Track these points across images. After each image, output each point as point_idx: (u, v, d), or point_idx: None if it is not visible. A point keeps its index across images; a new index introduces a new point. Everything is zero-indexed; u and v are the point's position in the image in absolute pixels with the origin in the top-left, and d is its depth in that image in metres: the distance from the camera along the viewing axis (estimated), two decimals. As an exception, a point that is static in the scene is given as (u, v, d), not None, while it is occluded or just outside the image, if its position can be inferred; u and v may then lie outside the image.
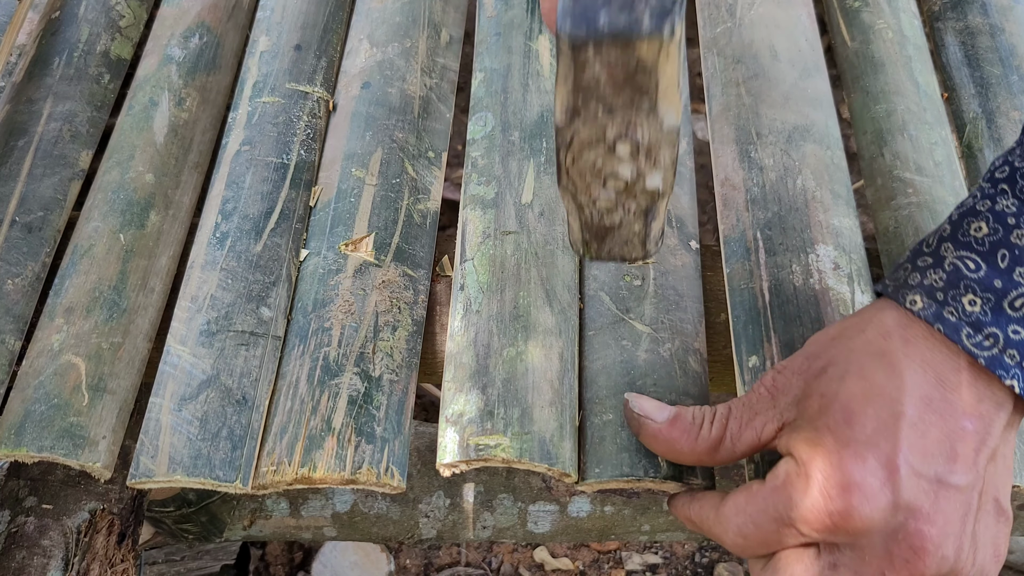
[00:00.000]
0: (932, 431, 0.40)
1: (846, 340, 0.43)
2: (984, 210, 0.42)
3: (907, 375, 0.41)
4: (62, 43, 0.68)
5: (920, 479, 0.40)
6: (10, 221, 0.59)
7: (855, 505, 0.39)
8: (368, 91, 0.64)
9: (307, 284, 0.57)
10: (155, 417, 0.51)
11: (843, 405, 0.41)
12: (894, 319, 0.42)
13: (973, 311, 0.40)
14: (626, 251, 0.46)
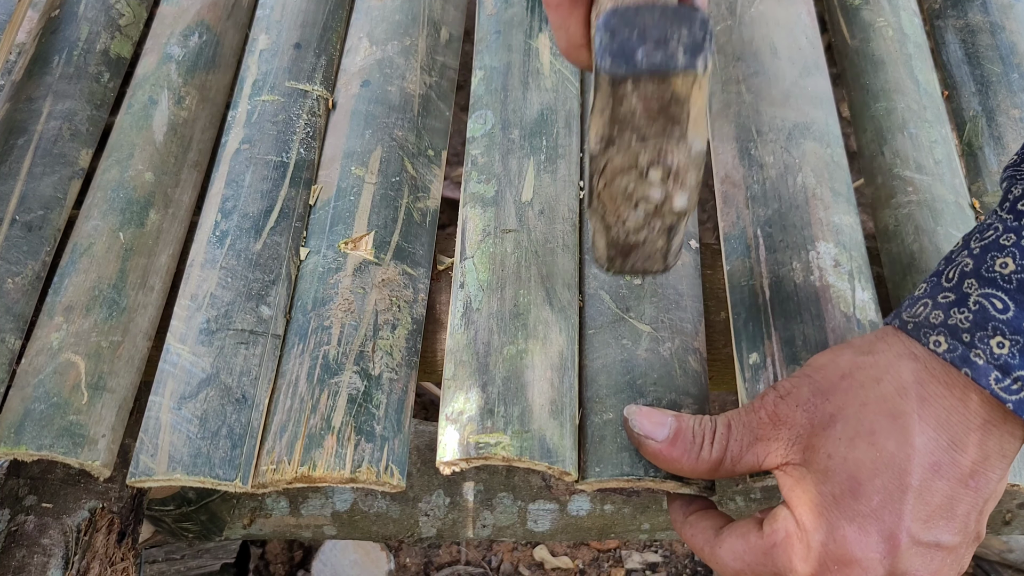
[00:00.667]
0: (935, 497, 0.40)
1: (859, 389, 0.42)
2: (1009, 245, 0.41)
3: (918, 442, 0.40)
4: (62, 41, 0.68)
5: (919, 546, 0.40)
6: (10, 220, 0.59)
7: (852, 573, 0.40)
8: (368, 89, 0.64)
9: (307, 282, 0.57)
10: (155, 416, 0.51)
11: (850, 475, 0.41)
12: (912, 372, 0.41)
13: (1002, 353, 0.39)
14: (648, 265, 0.47)
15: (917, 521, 0.40)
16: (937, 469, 0.40)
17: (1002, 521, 0.74)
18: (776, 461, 0.44)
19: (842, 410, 0.42)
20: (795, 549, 0.42)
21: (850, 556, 0.40)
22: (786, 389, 0.44)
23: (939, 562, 0.41)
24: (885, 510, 0.40)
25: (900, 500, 0.40)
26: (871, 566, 0.40)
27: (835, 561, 0.41)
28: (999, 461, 0.41)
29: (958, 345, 0.40)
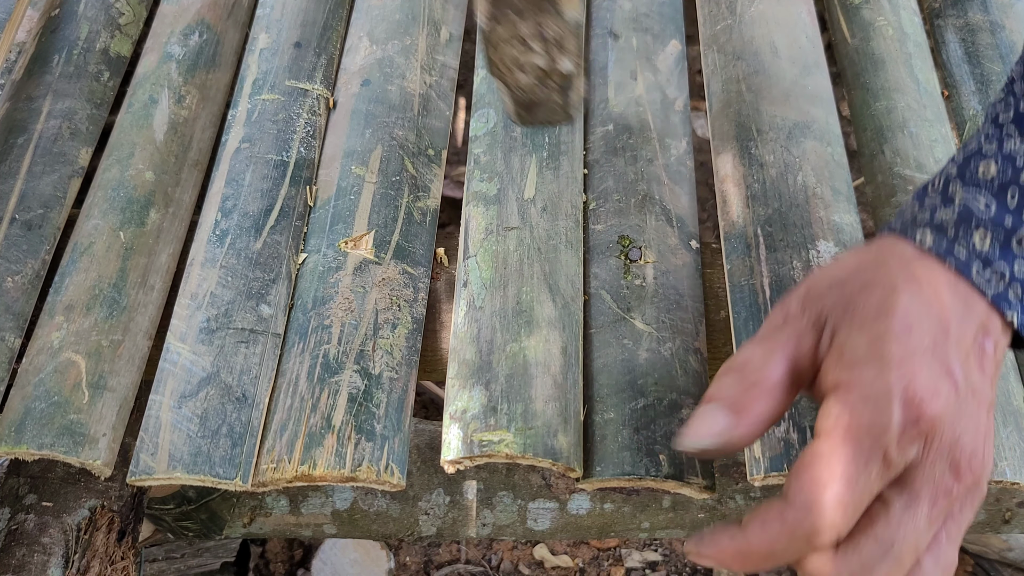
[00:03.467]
0: (967, 348, 0.40)
1: (875, 267, 0.42)
2: (992, 151, 0.43)
3: (945, 297, 0.40)
4: (62, 40, 0.68)
5: (969, 390, 0.39)
6: (10, 219, 0.59)
7: (926, 401, 0.38)
8: (368, 88, 0.64)
9: (307, 282, 0.57)
10: (155, 414, 0.51)
11: (903, 315, 0.40)
12: (908, 256, 0.42)
13: (983, 247, 0.41)
14: (552, 117, 0.56)
15: (962, 366, 0.39)
16: (961, 322, 0.40)
17: (1002, 520, 0.74)
18: (827, 344, 0.41)
19: (871, 283, 0.41)
20: (863, 412, 0.38)
21: (922, 384, 0.38)
22: (803, 289, 0.43)
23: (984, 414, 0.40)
24: (939, 347, 0.39)
25: (947, 340, 0.40)
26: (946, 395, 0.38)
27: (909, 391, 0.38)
28: (1001, 335, 0.41)
29: (943, 239, 0.41)
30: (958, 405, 0.39)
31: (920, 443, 0.38)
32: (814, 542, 0.37)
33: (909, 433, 0.38)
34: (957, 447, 0.38)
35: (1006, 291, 0.41)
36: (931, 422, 0.38)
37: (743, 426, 0.40)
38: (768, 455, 0.50)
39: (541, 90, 0.53)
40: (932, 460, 0.38)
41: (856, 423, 0.38)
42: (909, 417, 0.38)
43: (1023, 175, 0.41)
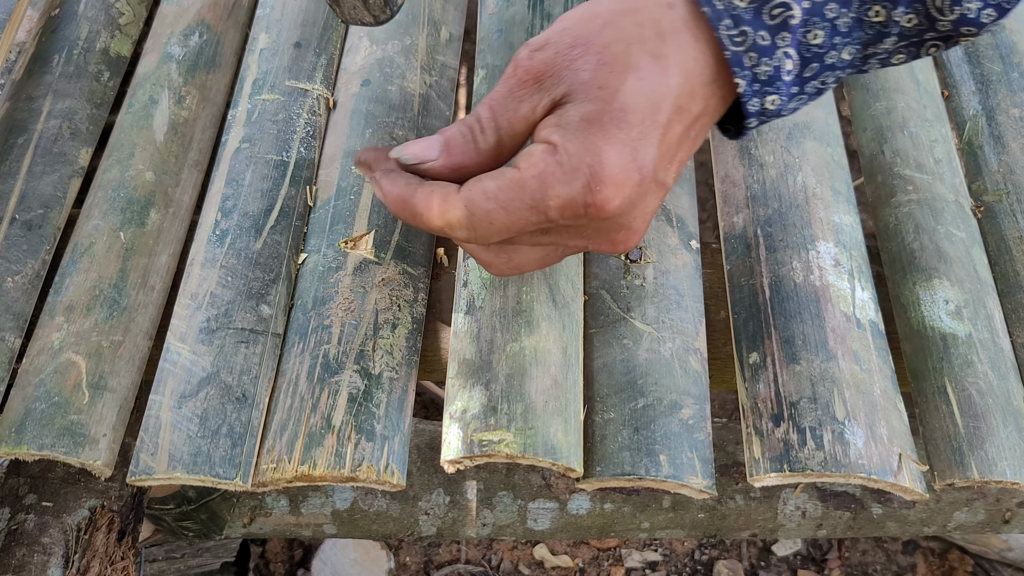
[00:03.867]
0: (671, 139, 0.43)
1: (623, 32, 0.44)
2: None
3: (673, 83, 0.42)
4: (62, 40, 0.68)
5: (655, 183, 0.43)
6: (10, 219, 0.59)
7: (611, 198, 0.42)
8: (368, 88, 0.64)
9: (307, 282, 0.57)
10: (155, 414, 0.51)
11: (622, 104, 0.42)
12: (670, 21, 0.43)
13: (740, 6, 0.42)
14: (359, 15, 0.53)
15: (661, 160, 0.43)
16: (679, 112, 0.43)
17: (1002, 520, 0.74)
18: (544, 109, 0.44)
19: (609, 48, 0.43)
20: (554, 174, 0.42)
21: (609, 176, 0.41)
22: (540, 43, 0.45)
23: (657, 201, 0.44)
24: (643, 141, 0.42)
25: (655, 135, 0.42)
26: (626, 188, 0.42)
27: (594, 180, 0.42)
28: (710, 121, 0.45)
29: (749, 91, 0.44)
30: (637, 199, 0.43)
31: (586, 220, 0.43)
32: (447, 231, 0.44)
33: (579, 209, 0.42)
34: (620, 230, 0.44)
35: (743, 55, 0.43)
36: (601, 208, 0.42)
37: (441, 162, 0.46)
38: (768, 456, 0.50)
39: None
40: (591, 232, 0.44)
41: (542, 179, 0.42)
42: (586, 198, 0.42)
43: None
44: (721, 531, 0.75)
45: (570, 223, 0.43)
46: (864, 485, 0.55)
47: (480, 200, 0.43)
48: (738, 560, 1.18)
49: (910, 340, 0.56)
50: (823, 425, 0.50)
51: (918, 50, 0.46)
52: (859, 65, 0.46)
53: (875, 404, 0.51)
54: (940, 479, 0.51)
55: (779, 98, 0.44)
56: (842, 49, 0.44)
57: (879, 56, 0.46)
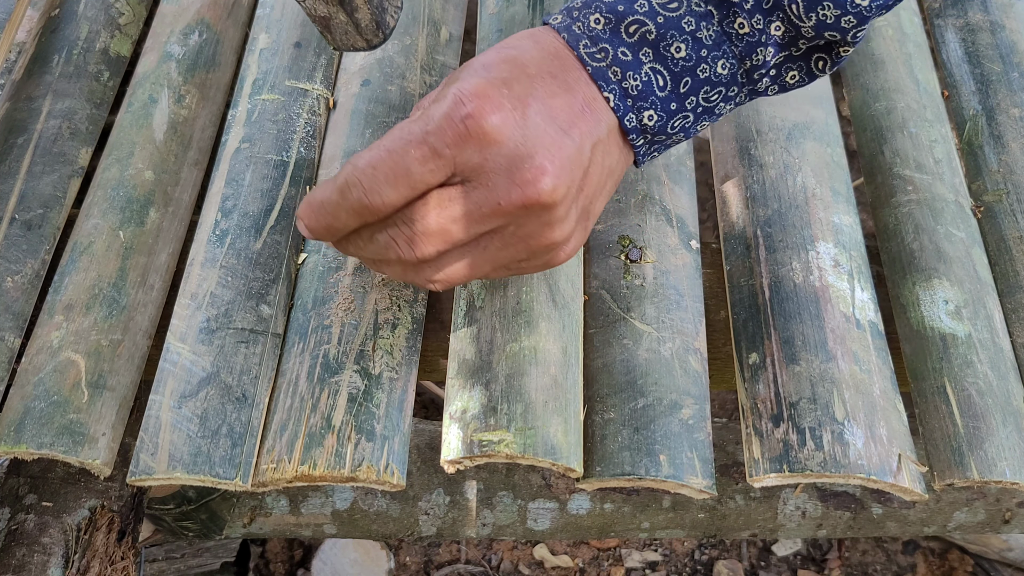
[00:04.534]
0: (558, 100, 0.44)
1: (487, 52, 0.46)
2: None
3: (536, 55, 0.45)
4: (61, 40, 0.68)
5: (546, 125, 0.43)
6: (10, 218, 0.59)
7: (485, 110, 0.42)
8: (368, 88, 0.64)
9: (307, 282, 0.57)
10: (155, 414, 0.51)
11: (482, 61, 0.45)
12: (531, 31, 0.47)
13: (595, 28, 0.45)
14: (350, 41, 0.52)
15: (542, 103, 0.43)
16: (555, 77, 0.45)
17: (1002, 520, 0.74)
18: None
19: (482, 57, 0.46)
20: (431, 108, 0.43)
21: (483, 91, 0.42)
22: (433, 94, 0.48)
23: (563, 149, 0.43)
24: (514, 80, 0.43)
25: (527, 78, 0.44)
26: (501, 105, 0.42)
27: (469, 94, 0.42)
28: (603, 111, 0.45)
29: (568, 19, 0.46)
30: (527, 128, 0.42)
31: (477, 147, 0.42)
32: (347, 195, 0.43)
33: (459, 126, 0.42)
34: (524, 163, 0.42)
35: (606, 69, 0.45)
36: (490, 129, 0.42)
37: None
38: (768, 456, 0.50)
39: (321, 4, 0.49)
40: (492, 168, 0.42)
41: (416, 113, 0.44)
42: (461, 112, 0.42)
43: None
44: (721, 531, 0.75)
45: (467, 157, 0.43)
46: (864, 485, 0.55)
47: (363, 154, 0.43)
48: (738, 560, 1.18)
49: (910, 340, 0.56)
50: (823, 425, 0.50)
51: (808, 64, 0.47)
52: (745, 82, 0.47)
53: (875, 404, 0.51)
54: (940, 479, 0.51)
55: (655, 113, 0.46)
56: (715, 63, 0.46)
57: (767, 72, 0.47)
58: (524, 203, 0.43)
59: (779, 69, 0.47)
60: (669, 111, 0.46)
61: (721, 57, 0.46)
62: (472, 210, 0.43)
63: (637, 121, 0.46)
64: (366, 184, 0.42)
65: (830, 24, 0.44)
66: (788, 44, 0.46)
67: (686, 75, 0.45)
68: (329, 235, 0.45)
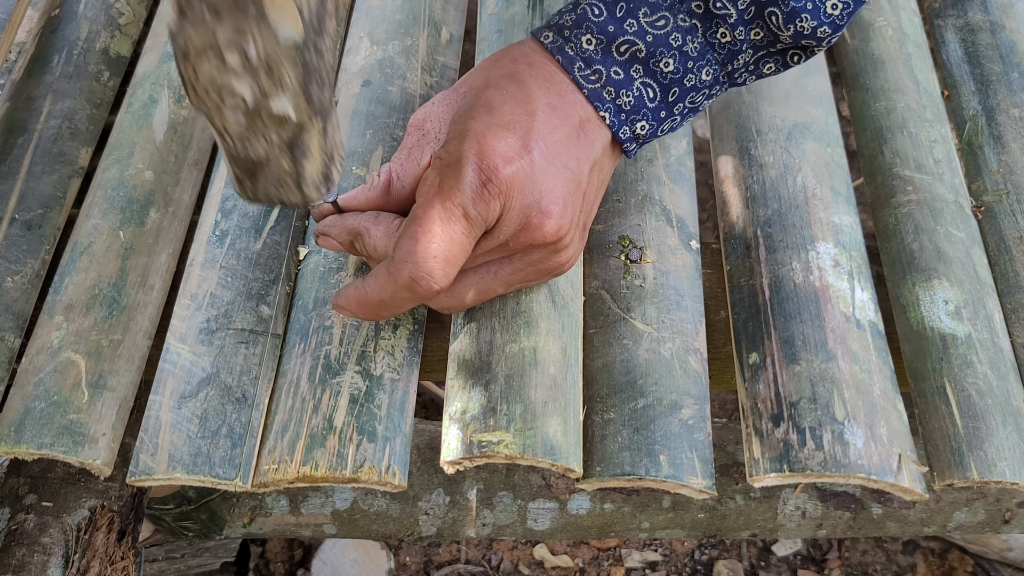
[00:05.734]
0: (557, 135, 0.47)
1: (482, 71, 0.49)
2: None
3: (533, 88, 0.47)
4: (61, 41, 0.68)
5: (548, 164, 0.46)
6: (10, 219, 0.59)
7: (499, 166, 0.44)
8: (368, 89, 0.64)
9: (307, 282, 0.57)
10: (155, 415, 0.51)
11: (484, 103, 0.46)
12: (523, 50, 0.49)
13: (588, 49, 0.47)
14: (282, 193, 0.43)
15: (546, 141, 0.46)
16: (553, 108, 0.47)
17: (1002, 520, 0.74)
18: (430, 154, 0.48)
19: (471, 86, 0.49)
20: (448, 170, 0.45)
21: (494, 150, 0.44)
22: (423, 106, 0.50)
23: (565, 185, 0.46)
24: (517, 123, 0.46)
25: (529, 118, 0.46)
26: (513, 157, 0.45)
27: (482, 157, 0.44)
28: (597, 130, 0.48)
29: (559, 39, 0.48)
30: (534, 173, 0.45)
31: (499, 201, 0.45)
32: (416, 289, 0.45)
33: (485, 192, 0.44)
34: (532, 207, 0.45)
35: (601, 90, 0.48)
36: (505, 182, 0.44)
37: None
38: (768, 455, 0.50)
39: (260, 143, 0.39)
40: (509, 216, 0.45)
41: (439, 186, 0.44)
42: (482, 178, 0.44)
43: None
44: (721, 531, 0.75)
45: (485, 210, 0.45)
46: (864, 485, 0.55)
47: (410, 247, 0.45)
48: (738, 560, 1.18)
49: (910, 340, 0.56)
50: (823, 425, 0.50)
51: (784, 58, 0.50)
52: (726, 81, 0.50)
53: (875, 404, 0.51)
54: (940, 479, 0.51)
55: (647, 123, 0.49)
56: (700, 71, 0.49)
57: (746, 69, 0.50)
58: (531, 244, 0.46)
59: (757, 64, 0.50)
60: (659, 119, 0.49)
61: (705, 65, 0.49)
62: (482, 246, 0.47)
63: (631, 132, 0.49)
64: (437, 275, 0.44)
65: (807, 34, 0.47)
66: (766, 45, 0.49)
67: (674, 86, 0.48)
68: (377, 317, 0.49)
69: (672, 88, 0.48)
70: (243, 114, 0.38)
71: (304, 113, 0.38)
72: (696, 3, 0.47)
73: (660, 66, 0.48)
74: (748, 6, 0.47)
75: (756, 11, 0.47)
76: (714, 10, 0.47)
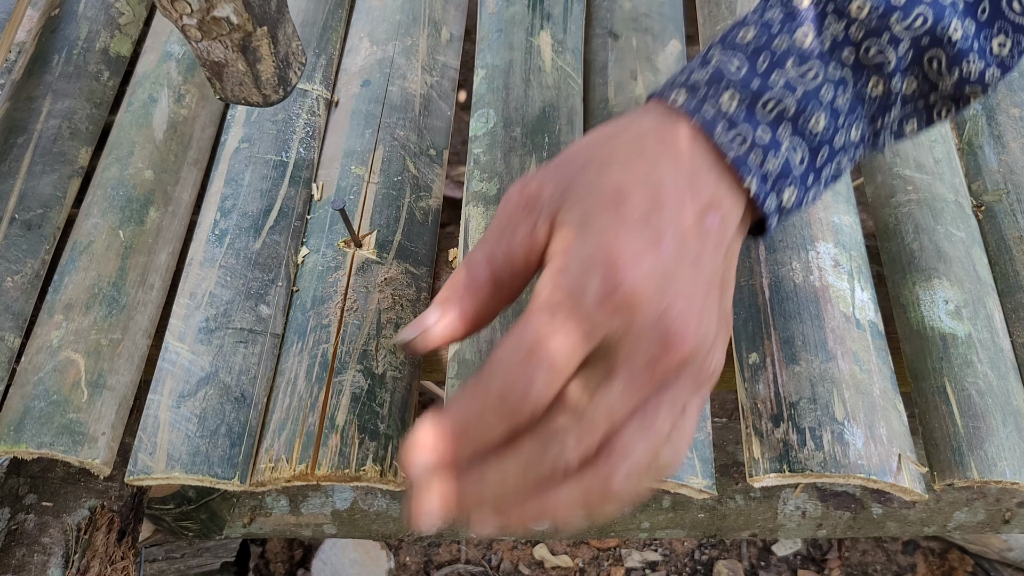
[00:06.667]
0: (687, 219, 0.40)
1: (604, 142, 0.42)
2: (753, 20, 0.44)
3: (664, 167, 0.40)
4: (61, 40, 0.68)
5: (678, 264, 0.39)
6: (10, 218, 0.59)
7: (631, 274, 0.37)
8: (368, 89, 0.64)
9: (306, 281, 0.57)
10: (153, 414, 0.51)
11: (614, 188, 0.39)
12: (652, 121, 0.42)
13: (730, 108, 0.41)
14: (244, 93, 0.47)
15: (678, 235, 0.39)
16: (683, 193, 0.40)
17: (1002, 520, 0.74)
18: (545, 229, 0.40)
19: (593, 157, 0.41)
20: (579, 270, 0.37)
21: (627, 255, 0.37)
22: (529, 175, 0.43)
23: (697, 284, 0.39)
24: (650, 217, 0.39)
25: (660, 211, 0.39)
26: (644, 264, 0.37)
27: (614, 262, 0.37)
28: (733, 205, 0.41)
29: (694, 99, 0.42)
30: (666, 277, 0.38)
31: (623, 314, 0.37)
32: (515, 408, 0.36)
33: (609, 301, 0.37)
34: (666, 318, 0.37)
35: (747, 155, 0.41)
36: (630, 291, 0.37)
37: (445, 320, 0.40)
38: (768, 456, 0.50)
39: (218, 47, 0.44)
40: (638, 331, 0.37)
41: (557, 291, 0.37)
42: (607, 286, 0.37)
43: (776, 41, 0.42)
44: (721, 531, 0.75)
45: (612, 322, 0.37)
46: (864, 485, 0.55)
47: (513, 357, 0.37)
48: (738, 560, 1.18)
49: (910, 340, 0.56)
50: (822, 425, 0.50)
51: (929, 113, 0.44)
52: (871, 142, 0.45)
53: (874, 404, 0.51)
54: (940, 479, 0.51)
55: (795, 190, 0.42)
56: (849, 129, 0.43)
57: (891, 128, 0.45)
58: (679, 362, 0.38)
59: (900, 122, 0.45)
60: (806, 185, 0.43)
61: (856, 121, 0.43)
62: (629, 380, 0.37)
63: (777, 203, 0.42)
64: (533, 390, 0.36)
65: (973, 79, 0.42)
66: (916, 98, 0.44)
67: (823, 146, 0.42)
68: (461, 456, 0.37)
69: (821, 149, 0.42)
70: (195, 19, 0.43)
71: (244, 18, 0.43)
72: (847, 50, 0.42)
73: (811, 124, 0.42)
74: (907, 51, 0.42)
75: (914, 56, 0.42)
76: (868, 58, 0.42)
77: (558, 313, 0.37)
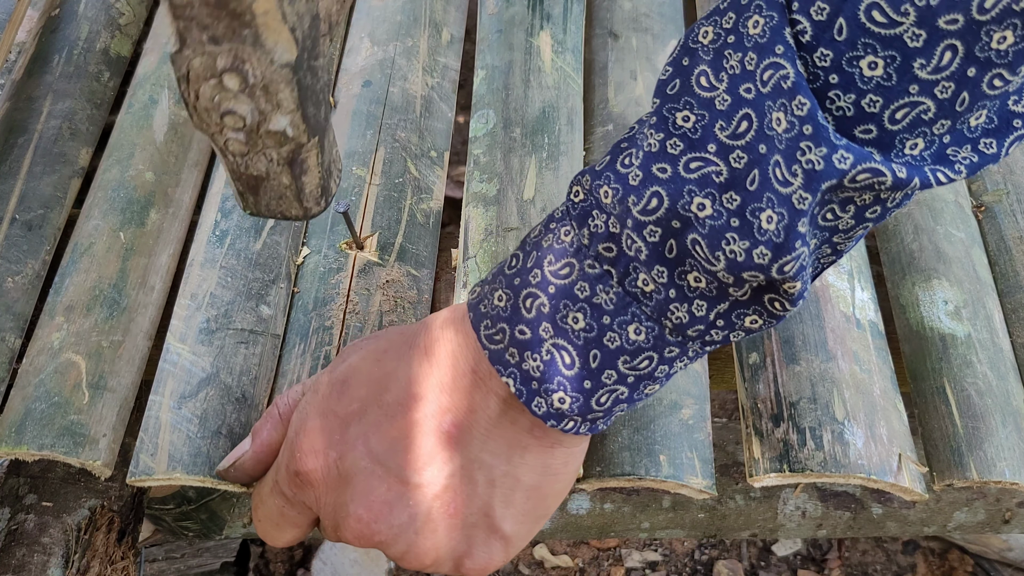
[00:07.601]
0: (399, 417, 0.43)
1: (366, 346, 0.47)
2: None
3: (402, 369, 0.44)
4: (62, 41, 0.68)
5: (375, 464, 0.43)
6: (10, 219, 0.59)
7: (308, 466, 0.44)
8: (369, 90, 0.64)
9: (307, 282, 0.57)
10: (154, 415, 0.51)
11: (341, 378, 0.45)
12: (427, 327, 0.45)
13: (499, 306, 0.41)
14: (283, 207, 0.44)
15: (380, 440, 0.43)
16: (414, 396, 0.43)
17: (1002, 520, 0.74)
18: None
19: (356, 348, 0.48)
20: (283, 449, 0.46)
21: (312, 446, 0.44)
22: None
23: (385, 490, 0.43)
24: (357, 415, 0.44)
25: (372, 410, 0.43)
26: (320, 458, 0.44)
27: (299, 450, 0.44)
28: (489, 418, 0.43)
29: (478, 294, 0.43)
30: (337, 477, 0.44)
31: (311, 488, 0.45)
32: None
33: (296, 480, 0.45)
34: (340, 510, 0.44)
35: (503, 353, 0.41)
36: (307, 477, 0.44)
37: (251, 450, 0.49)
38: (768, 455, 0.50)
39: (260, 160, 0.41)
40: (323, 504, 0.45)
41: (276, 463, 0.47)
42: (291, 469, 0.45)
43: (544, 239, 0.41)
44: (721, 531, 0.75)
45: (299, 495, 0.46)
46: (864, 485, 0.55)
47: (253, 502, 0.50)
48: (738, 560, 1.19)
49: (909, 340, 0.56)
50: (823, 425, 0.50)
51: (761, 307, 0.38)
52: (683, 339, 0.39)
53: (874, 404, 0.51)
54: (939, 479, 0.51)
55: (566, 395, 0.39)
56: (624, 328, 0.39)
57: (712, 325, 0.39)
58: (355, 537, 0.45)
59: (728, 318, 0.38)
60: (583, 390, 0.40)
61: (631, 321, 0.39)
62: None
63: (547, 406, 0.40)
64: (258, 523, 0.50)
65: (741, 262, 0.35)
66: (720, 295, 0.37)
67: (592, 347, 0.39)
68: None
69: (591, 350, 0.39)
70: (243, 133, 0.39)
71: (300, 130, 0.39)
72: (605, 245, 0.38)
73: (568, 322, 0.39)
74: (661, 239, 0.36)
75: (677, 247, 0.36)
76: (626, 250, 0.37)
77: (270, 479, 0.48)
